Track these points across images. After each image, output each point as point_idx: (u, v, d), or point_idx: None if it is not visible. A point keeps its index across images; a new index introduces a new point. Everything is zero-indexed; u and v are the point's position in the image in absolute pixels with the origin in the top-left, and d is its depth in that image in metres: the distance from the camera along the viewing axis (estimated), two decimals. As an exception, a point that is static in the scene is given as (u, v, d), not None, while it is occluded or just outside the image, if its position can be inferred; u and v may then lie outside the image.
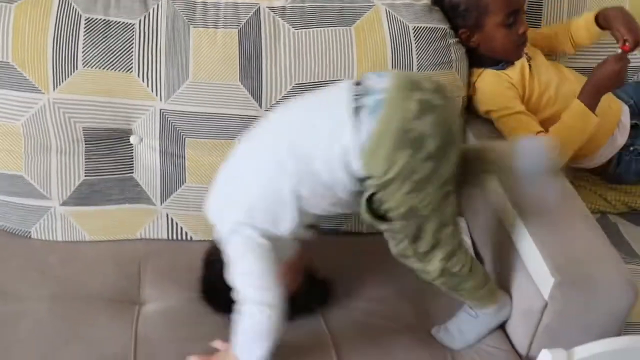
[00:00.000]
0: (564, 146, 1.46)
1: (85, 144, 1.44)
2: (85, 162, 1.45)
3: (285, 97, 1.44)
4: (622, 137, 1.65)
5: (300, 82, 1.45)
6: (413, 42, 1.49)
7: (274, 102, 1.45)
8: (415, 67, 1.49)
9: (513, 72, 1.58)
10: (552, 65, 1.66)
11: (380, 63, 1.48)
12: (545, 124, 1.52)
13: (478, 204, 1.56)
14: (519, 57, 1.59)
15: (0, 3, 1.37)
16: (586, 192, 1.68)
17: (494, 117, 1.57)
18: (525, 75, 1.58)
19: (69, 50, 1.39)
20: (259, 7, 1.45)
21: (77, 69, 1.39)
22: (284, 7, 1.47)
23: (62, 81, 1.39)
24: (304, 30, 1.46)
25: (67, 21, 1.39)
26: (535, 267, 1.30)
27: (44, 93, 1.39)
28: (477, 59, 1.60)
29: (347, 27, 1.47)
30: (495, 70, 1.58)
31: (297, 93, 1.44)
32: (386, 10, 1.51)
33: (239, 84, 1.43)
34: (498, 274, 1.45)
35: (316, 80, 1.45)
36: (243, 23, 1.44)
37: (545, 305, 1.27)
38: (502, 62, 1.59)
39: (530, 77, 1.58)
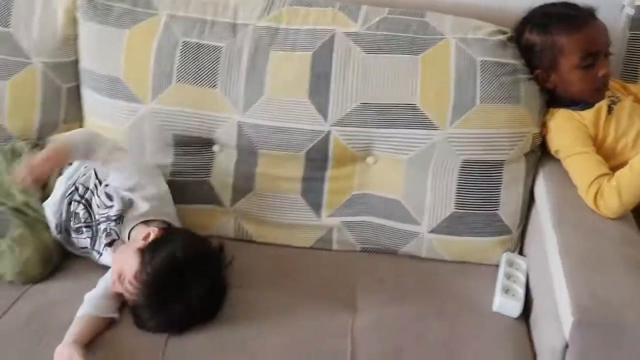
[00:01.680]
0: (629, 191, 1.37)
1: (174, 149, 1.61)
2: (172, 165, 1.60)
3: (349, 114, 1.51)
4: None
5: (365, 102, 1.51)
6: (478, 75, 1.49)
7: (338, 118, 1.51)
8: (478, 99, 1.49)
9: (588, 113, 1.51)
10: (643, 111, 1.55)
11: (443, 91, 1.49)
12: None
13: (535, 246, 1.51)
14: (598, 100, 1.52)
15: (117, 28, 1.59)
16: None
17: (561, 156, 1.51)
18: (601, 118, 1.50)
19: (166, 68, 1.56)
20: (335, 33, 1.54)
21: (171, 84, 1.56)
22: (357, 33, 1.54)
23: (159, 94, 1.57)
24: (373, 54, 1.52)
25: (167, 43, 1.56)
26: (562, 306, 1.23)
27: (143, 104, 1.58)
28: (556, 100, 1.56)
29: (415, 56, 1.51)
30: (568, 110, 1.53)
31: (361, 112, 1.51)
32: (456, 43, 1.52)
33: (308, 100, 1.52)
34: (539, 314, 1.40)
35: (380, 102, 1.50)
36: (318, 46, 1.53)
37: (566, 346, 1.20)
38: (581, 103, 1.53)
39: (607, 120, 1.50)
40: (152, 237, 1.36)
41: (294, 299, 1.45)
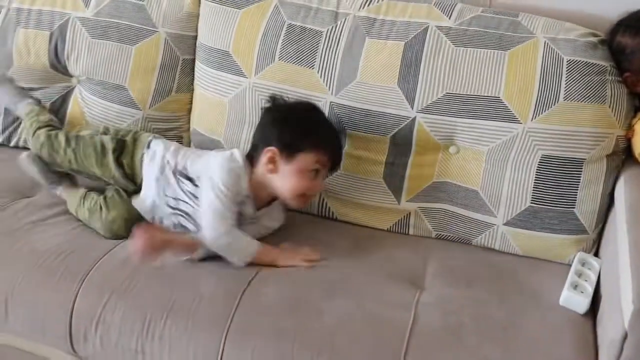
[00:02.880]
0: None
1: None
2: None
3: (435, 103, 1.55)
4: None
5: (451, 91, 1.55)
6: (564, 74, 1.50)
7: (424, 105, 1.56)
8: (562, 96, 1.50)
9: (677, 118, 1.48)
10: None
11: (527, 86, 1.51)
12: None
13: (610, 248, 1.49)
14: None
15: (233, 8, 1.72)
16: None
17: (645, 160, 1.49)
18: (690, 124, 1.47)
19: (271, 47, 1.67)
20: (428, 26, 1.60)
21: (274, 61, 1.68)
22: (450, 27, 1.59)
23: (261, 70, 1.68)
24: (462, 48, 1.55)
25: (274, 25, 1.68)
26: (625, 298, 1.22)
27: (247, 77, 1.70)
28: (646, 105, 1.54)
29: (503, 52, 1.54)
30: (657, 115, 1.51)
31: (447, 101, 1.55)
32: (545, 42, 1.54)
33: (396, 87, 1.58)
34: (605, 311, 1.37)
35: (465, 93, 1.54)
36: (411, 37, 1.59)
37: (625, 337, 1.18)
38: (671, 109, 1.51)
39: (695, 126, 1.47)
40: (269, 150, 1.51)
41: (366, 272, 1.49)
